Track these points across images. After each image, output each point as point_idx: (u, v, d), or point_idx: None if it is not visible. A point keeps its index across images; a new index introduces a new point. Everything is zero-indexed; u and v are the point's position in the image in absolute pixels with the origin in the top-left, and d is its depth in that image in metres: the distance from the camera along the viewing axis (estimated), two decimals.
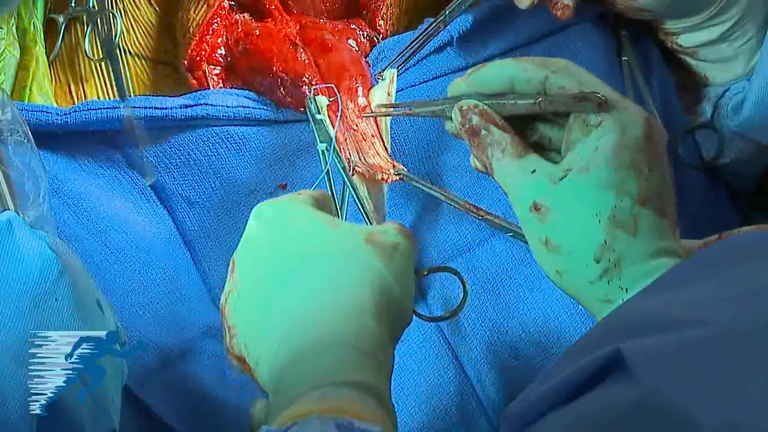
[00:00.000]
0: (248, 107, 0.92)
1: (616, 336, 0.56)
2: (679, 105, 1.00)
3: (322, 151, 0.90)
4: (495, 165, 0.73)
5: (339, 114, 0.91)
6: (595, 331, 0.62)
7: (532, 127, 0.75)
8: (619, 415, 0.52)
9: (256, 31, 0.94)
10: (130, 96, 0.94)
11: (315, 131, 0.90)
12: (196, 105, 0.90)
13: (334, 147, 0.89)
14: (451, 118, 0.77)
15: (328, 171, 0.89)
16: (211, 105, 0.90)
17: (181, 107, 0.89)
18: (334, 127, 0.90)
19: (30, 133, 0.78)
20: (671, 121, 0.99)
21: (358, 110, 0.91)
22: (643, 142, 0.69)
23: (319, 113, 0.90)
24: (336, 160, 0.89)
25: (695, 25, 0.94)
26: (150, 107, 0.89)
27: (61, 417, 0.68)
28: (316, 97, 0.90)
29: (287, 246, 0.71)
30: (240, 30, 0.95)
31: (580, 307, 0.92)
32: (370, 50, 0.97)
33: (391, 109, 0.91)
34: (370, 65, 0.95)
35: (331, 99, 0.91)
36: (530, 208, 0.70)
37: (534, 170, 0.71)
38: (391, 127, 0.93)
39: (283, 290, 0.69)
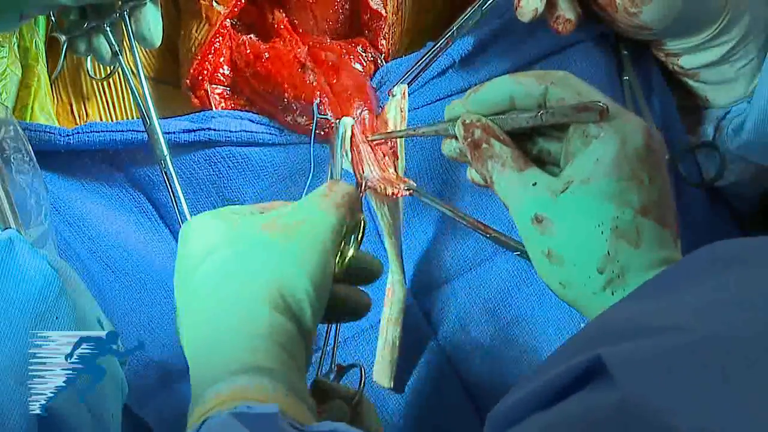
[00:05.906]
0: (251, 131, 0.92)
1: (597, 342, 0.57)
2: (681, 124, 1.00)
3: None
4: (496, 178, 0.73)
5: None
6: (578, 336, 0.62)
7: (532, 142, 0.75)
8: (599, 419, 0.52)
9: (266, 54, 0.94)
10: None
11: (338, 154, 0.90)
12: (198, 130, 0.90)
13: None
14: (450, 139, 0.78)
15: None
16: (214, 130, 0.90)
17: (183, 131, 0.89)
18: (345, 148, 0.90)
19: (32, 152, 0.78)
20: (672, 140, 0.99)
21: (369, 132, 0.91)
22: (643, 152, 0.69)
23: (344, 140, 0.90)
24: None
25: (697, 46, 0.94)
26: None
27: None
28: (340, 120, 0.90)
29: (192, 253, 0.71)
30: (248, 51, 0.95)
31: (582, 324, 0.93)
32: (374, 71, 0.97)
33: (396, 130, 0.91)
34: (374, 89, 0.95)
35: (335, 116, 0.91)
36: (532, 221, 0.71)
37: (535, 183, 0.71)
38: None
39: (190, 291, 0.70)
